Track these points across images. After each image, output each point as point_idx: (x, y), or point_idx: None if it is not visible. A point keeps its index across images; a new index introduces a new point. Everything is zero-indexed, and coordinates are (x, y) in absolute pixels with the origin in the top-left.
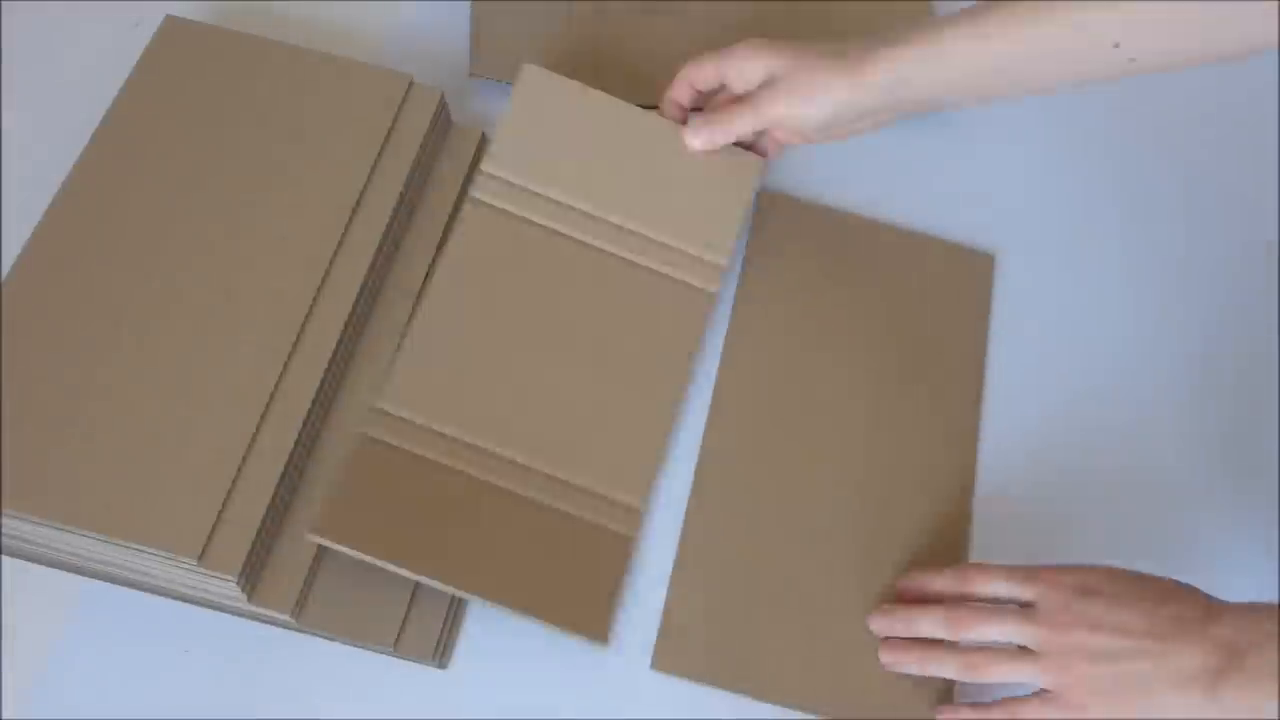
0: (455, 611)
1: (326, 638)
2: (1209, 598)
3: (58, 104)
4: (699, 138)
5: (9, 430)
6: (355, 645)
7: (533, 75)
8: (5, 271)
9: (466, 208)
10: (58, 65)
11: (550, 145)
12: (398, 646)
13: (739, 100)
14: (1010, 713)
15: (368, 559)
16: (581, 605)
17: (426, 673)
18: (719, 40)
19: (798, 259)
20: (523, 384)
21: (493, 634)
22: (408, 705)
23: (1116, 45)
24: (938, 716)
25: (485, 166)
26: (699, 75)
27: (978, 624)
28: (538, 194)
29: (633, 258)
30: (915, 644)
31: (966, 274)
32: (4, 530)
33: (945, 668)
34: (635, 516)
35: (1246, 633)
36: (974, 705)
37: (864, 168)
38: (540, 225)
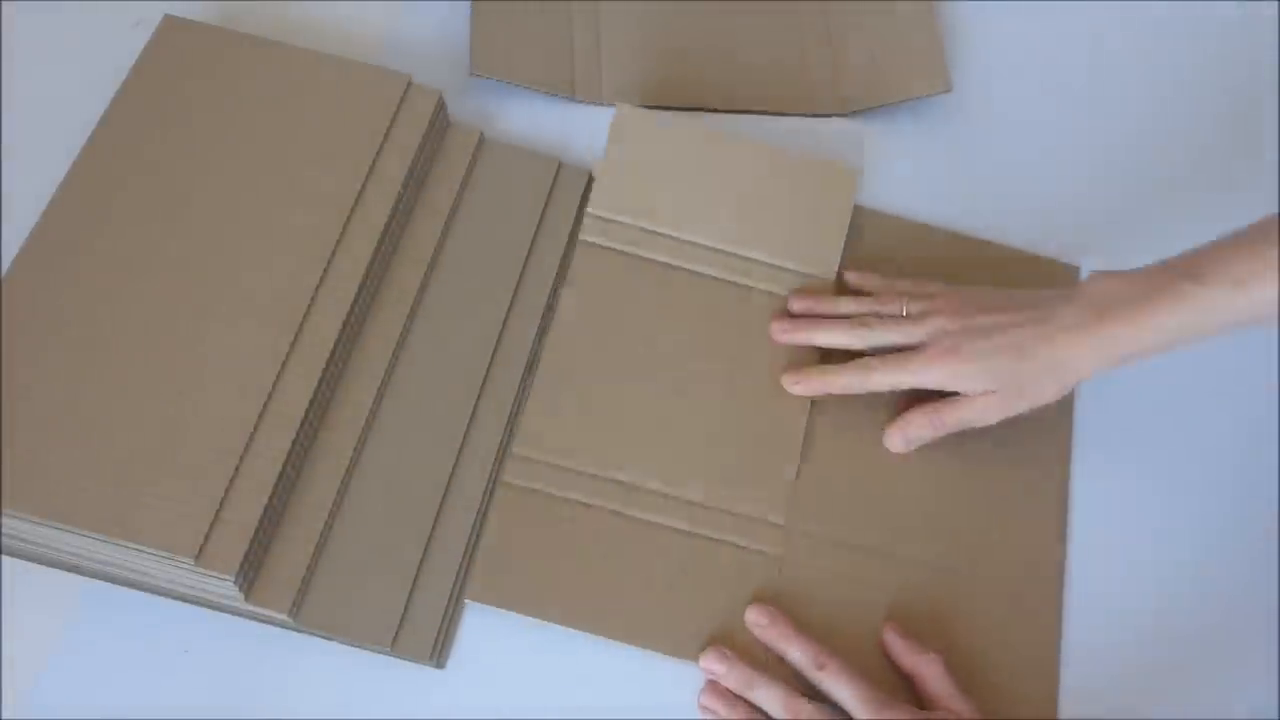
0: (452, 611)
1: (324, 637)
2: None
3: (58, 103)
4: (895, 442)
5: (8, 430)
6: (352, 645)
7: (627, 113)
8: (4, 270)
9: (578, 250)
10: (58, 65)
11: (650, 180)
12: (394, 646)
13: (952, 407)
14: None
15: (525, 618)
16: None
17: (424, 672)
18: (718, 42)
19: (885, 274)
20: (652, 413)
21: (490, 634)
22: (405, 705)
23: None
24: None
25: (591, 208)
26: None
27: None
28: (644, 229)
29: (743, 281)
30: (741, 705)
31: (1052, 286)
32: (4, 530)
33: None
34: (779, 533)
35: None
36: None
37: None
38: (650, 259)
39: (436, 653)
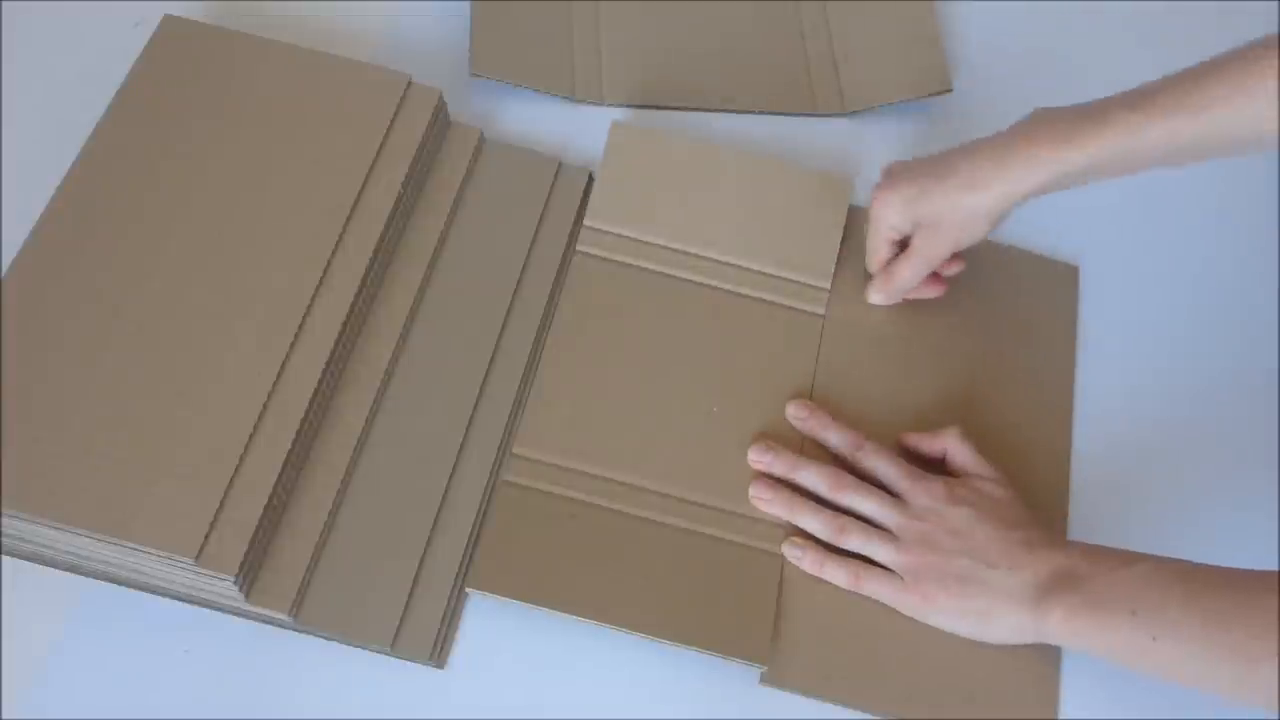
0: (453, 611)
1: (324, 637)
2: (1066, 538)
3: (58, 104)
4: (877, 297)
5: (8, 430)
6: (352, 645)
7: (622, 131)
8: (4, 271)
9: (575, 261)
10: (58, 65)
11: (645, 193)
12: (395, 646)
13: (905, 254)
14: (855, 574)
15: (527, 606)
16: (739, 628)
17: (424, 672)
18: (718, 42)
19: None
20: (650, 417)
21: (490, 634)
22: (405, 705)
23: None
24: (784, 548)
25: (587, 221)
26: (879, 252)
27: (857, 492)
28: (640, 241)
29: (739, 289)
30: (787, 489)
31: (1052, 285)
32: (4, 530)
33: (810, 521)
34: (778, 532)
35: (1090, 566)
36: (827, 548)
37: None
38: (646, 269)
39: (436, 653)
